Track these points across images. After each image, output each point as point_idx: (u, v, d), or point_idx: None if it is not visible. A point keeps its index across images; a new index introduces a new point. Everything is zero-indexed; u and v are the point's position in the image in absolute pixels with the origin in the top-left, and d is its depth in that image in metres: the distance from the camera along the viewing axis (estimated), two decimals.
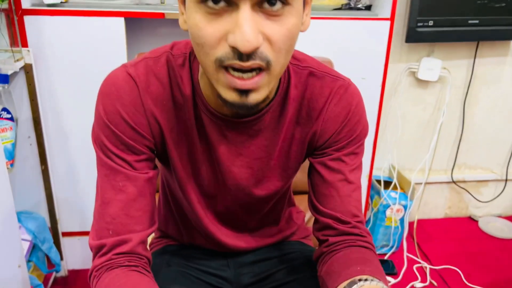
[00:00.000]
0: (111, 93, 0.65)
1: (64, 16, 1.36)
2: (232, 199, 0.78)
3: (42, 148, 1.46)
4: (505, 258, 1.86)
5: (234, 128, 0.69)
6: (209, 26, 0.53)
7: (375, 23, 1.53)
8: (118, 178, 0.65)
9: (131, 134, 0.65)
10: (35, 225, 1.44)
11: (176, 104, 0.68)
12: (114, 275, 0.63)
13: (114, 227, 0.65)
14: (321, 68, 0.72)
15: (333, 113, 0.70)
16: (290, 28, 0.54)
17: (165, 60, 0.67)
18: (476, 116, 1.98)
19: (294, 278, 0.83)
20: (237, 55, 0.52)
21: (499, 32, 1.76)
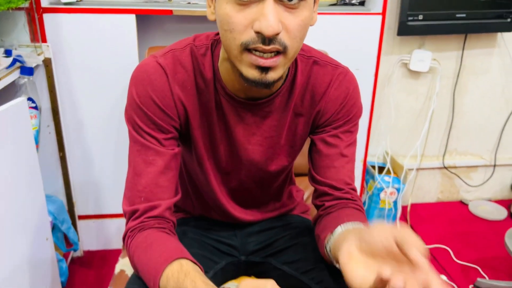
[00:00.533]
0: (143, 79, 0.75)
1: (80, 14, 1.46)
2: (246, 174, 0.89)
3: (60, 136, 1.57)
4: (493, 238, 1.98)
5: (249, 109, 0.80)
6: (238, 15, 0.64)
7: (368, 18, 1.64)
8: (148, 153, 0.76)
9: (161, 115, 0.76)
10: (55, 207, 1.55)
11: (199, 89, 0.79)
12: (146, 234, 0.74)
13: (145, 195, 0.76)
14: (324, 58, 0.84)
15: (334, 96, 0.82)
16: (304, 20, 0.66)
17: (189, 50, 0.78)
18: (465, 105, 2.09)
19: (294, 243, 0.95)
20: (261, 39, 0.63)
21: (485, 25, 1.87)
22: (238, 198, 0.95)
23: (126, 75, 1.58)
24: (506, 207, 2.22)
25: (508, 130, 2.17)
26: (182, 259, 0.70)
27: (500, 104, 2.12)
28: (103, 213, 1.76)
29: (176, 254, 0.70)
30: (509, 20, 1.86)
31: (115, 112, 1.59)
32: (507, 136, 2.19)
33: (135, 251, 0.74)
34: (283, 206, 1.04)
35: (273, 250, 0.96)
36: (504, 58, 2.02)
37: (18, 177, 1.08)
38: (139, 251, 0.73)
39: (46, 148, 1.58)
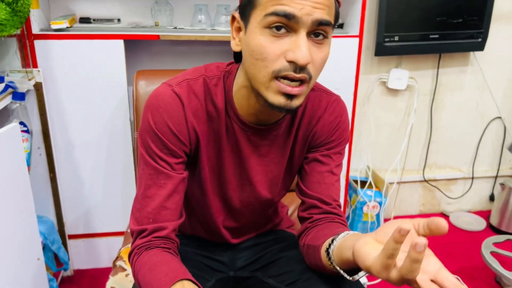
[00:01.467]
0: (159, 107, 0.80)
1: (70, 40, 1.52)
2: (249, 195, 0.94)
3: (51, 158, 1.61)
4: (473, 248, 2.05)
5: (258, 133, 0.87)
6: (272, 45, 0.70)
7: (346, 40, 1.72)
8: (160, 177, 0.81)
9: (174, 141, 0.81)
10: (45, 227, 1.58)
11: (210, 116, 0.85)
12: (152, 253, 0.79)
13: (154, 216, 0.80)
14: (318, 86, 0.92)
15: (328, 120, 0.89)
16: (326, 54, 0.74)
17: (202, 81, 0.84)
18: (442, 120, 2.18)
19: (280, 257, 0.99)
20: (293, 68, 0.70)
21: (458, 45, 1.97)
22: (235, 221, 0.99)
23: (115, 98, 1.65)
24: (485, 218, 2.30)
25: (484, 143, 2.27)
26: (185, 281, 0.74)
27: (476, 118, 2.22)
28: (93, 232, 1.79)
29: (179, 275, 0.74)
30: (480, 40, 1.97)
31: (104, 133, 1.64)
32: (483, 149, 2.28)
33: (140, 269, 0.78)
34: (270, 222, 1.10)
35: (260, 265, 1.01)
36: (477, 75, 2.12)
37: (10, 199, 1.12)
38: (144, 269, 0.77)
39: (37, 170, 1.62)
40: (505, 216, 2.14)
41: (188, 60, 1.81)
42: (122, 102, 1.61)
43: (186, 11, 1.74)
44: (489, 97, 2.17)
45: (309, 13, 0.67)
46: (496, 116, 2.22)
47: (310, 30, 0.69)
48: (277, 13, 0.68)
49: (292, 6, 0.67)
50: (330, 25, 0.71)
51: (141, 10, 1.73)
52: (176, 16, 1.73)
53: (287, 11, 0.67)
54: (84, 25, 1.63)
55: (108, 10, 1.72)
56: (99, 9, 1.71)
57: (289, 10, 0.67)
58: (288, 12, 0.67)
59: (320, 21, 0.68)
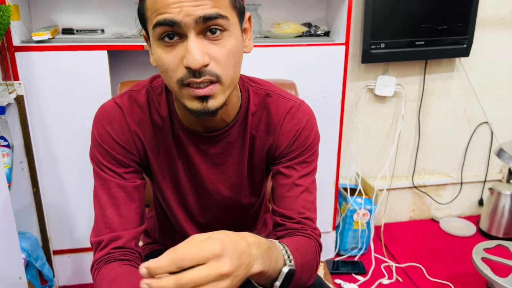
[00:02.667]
0: (102, 119, 0.81)
1: (52, 51, 1.49)
2: (215, 206, 0.91)
3: (34, 172, 1.57)
4: (464, 254, 2.04)
5: (208, 141, 0.84)
6: (169, 56, 0.68)
7: (332, 48, 1.72)
8: (111, 186, 0.80)
9: (120, 150, 0.81)
10: (28, 243, 1.54)
11: (155, 125, 0.84)
12: (111, 267, 0.76)
13: (109, 225, 0.79)
14: (277, 91, 0.88)
15: (286, 129, 0.85)
16: (230, 48, 0.70)
17: (145, 91, 0.84)
18: (430, 126, 2.19)
19: None
20: (191, 73, 0.68)
21: (443, 51, 1.98)
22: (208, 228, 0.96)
23: None
24: (475, 223, 2.30)
25: (472, 148, 2.28)
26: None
27: (463, 124, 2.23)
28: (79, 247, 1.75)
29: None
30: (465, 46, 1.98)
31: (88, 146, 1.61)
32: (471, 154, 2.29)
33: (100, 283, 0.76)
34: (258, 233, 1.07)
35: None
36: (463, 81, 2.13)
37: None
38: (104, 284, 0.75)
39: (20, 185, 1.58)
40: (495, 220, 2.14)
41: None
42: None
43: None
44: (476, 102, 2.19)
45: (188, 13, 0.65)
46: (483, 121, 2.23)
47: (201, 28, 0.67)
48: (160, 23, 0.66)
49: (170, 12, 0.65)
50: (221, 17, 0.67)
51: (125, 20, 1.71)
52: None
53: (167, 18, 0.65)
54: (67, 36, 1.60)
55: (91, 20, 1.69)
56: (82, 20, 1.69)
57: (169, 17, 0.65)
58: (169, 19, 0.65)
59: (204, 17, 0.65)
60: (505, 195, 2.08)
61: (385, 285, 1.84)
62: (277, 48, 1.66)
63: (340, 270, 1.92)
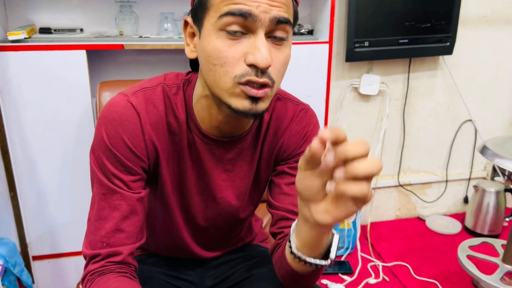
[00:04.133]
0: (113, 119, 0.73)
1: (28, 51, 1.45)
2: (216, 212, 0.88)
3: (11, 176, 1.52)
4: (450, 252, 2.05)
5: (222, 146, 0.81)
6: (230, 49, 0.65)
7: (316, 46, 1.70)
8: (114, 197, 0.73)
9: (131, 157, 0.74)
10: (6, 249, 1.49)
11: (170, 128, 0.78)
12: (106, 279, 0.71)
13: (108, 240, 0.73)
14: (286, 95, 0.87)
15: (295, 131, 0.84)
16: (286, 56, 0.69)
17: (161, 89, 0.78)
18: (414, 125, 2.19)
19: (250, 275, 0.94)
20: (255, 71, 0.65)
21: (427, 49, 1.98)
22: (204, 238, 0.94)
23: (78, 111, 1.58)
24: (460, 221, 2.31)
25: (456, 146, 2.29)
26: None
27: (447, 122, 2.23)
28: (59, 252, 1.70)
29: None
30: (448, 44, 1.99)
31: (68, 148, 1.57)
32: (456, 152, 2.30)
33: None
34: (243, 238, 1.04)
35: (230, 284, 0.96)
36: (447, 79, 2.14)
37: None
38: None
39: None
40: (479, 218, 2.15)
41: (155, 69, 1.76)
42: (86, 114, 1.54)
43: (152, 19, 1.69)
44: (459, 100, 2.19)
45: (266, 10, 0.63)
46: (467, 119, 2.24)
47: (269, 29, 0.65)
48: (232, 12, 0.63)
49: (247, 4, 0.63)
50: (290, 23, 0.67)
51: (105, 19, 1.67)
52: (141, 25, 1.68)
53: (243, 9, 0.63)
54: (44, 36, 1.56)
55: (70, 19, 1.65)
56: (61, 19, 1.64)
57: (245, 9, 0.63)
58: (244, 10, 0.63)
59: (278, 19, 0.64)
60: (489, 192, 2.09)
61: (371, 284, 1.83)
62: None
63: (326, 270, 1.90)
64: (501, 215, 2.12)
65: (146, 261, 0.99)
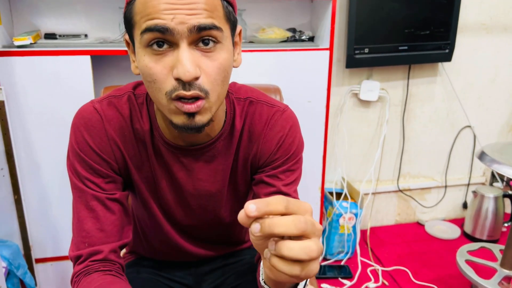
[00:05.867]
0: (80, 125, 0.76)
1: (34, 56, 1.47)
2: (197, 218, 0.89)
3: (15, 179, 1.54)
4: (448, 256, 2.06)
5: (189, 155, 0.81)
6: (157, 65, 0.64)
7: (317, 53, 1.73)
8: (88, 198, 0.76)
9: (98, 160, 0.76)
10: (9, 252, 1.51)
11: (137, 135, 0.80)
12: (91, 279, 0.73)
13: (88, 240, 0.75)
14: (260, 97, 0.84)
15: (269, 137, 0.81)
16: (221, 62, 0.66)
17: (127, 98, 0.79)
18: (414, 130, 2.21)
19: (239, 282, 0.95)
20: (181, 85, 0.64)
21: (426, 56, 2.01)
22: (191, 236, 0.95)
23: None
24: (460, 226, 2.32)
25: (455, 152, 2.31)
26: None
27: (446, 128, 2.25)
28: (62, 255, 1.72)
29: None
30: (447, 51, 2.01)
31: None
32: (455, 157, 2.32)
33: None
34: (237, 241, 1.05)
35: None
36: (446, 85, 2.16)
37: None
38: None
39: (0, 192, 1.55)
40: (478, 223, 2.17)
41: None
42: None
43: None
44: (458, 106, 2.22)
45: (182, 21, 0.61)
46: (466, 125, 2.26)
47: (193, 39, 0.63)
48: (150, 28, 0.62)
49: (162, 18, 0.61)
50: (215, 28, 0.63)
51: (109, 25, 1.69)
52: None
53: (158, 24, 0.61)
54: (49, 41, 1.58)
55: (74, 25, 1.68)
56: (65, 25, 1.67)
57: (161, 23, 0.61)
58: (160, 25, 0.61)
59: (198, 27, 0.62)
60: (488, 198, 2.11)
61: None
62: (261, 53, 1.67)
63: (326, 274, 1.92)
64: (500, 220, 2.14)
65: (142, 264, 1.00)
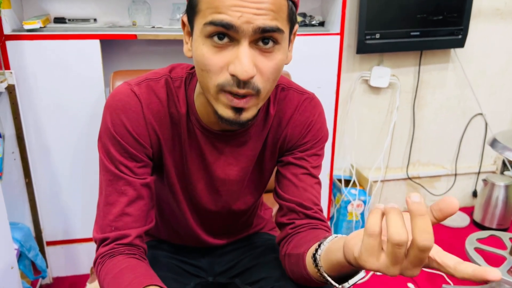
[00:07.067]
0: (117, 107, 0.75)
1: (43, 40, 1.47)
2: (222, 203, 0.90)
3: (26, 162, 1.56)
4: (457, 244, 2.05)
5: (224, 140, 0.82)
6: (214, 57, 0.64)
7: (327, 38, 1.71)
8: (120, 183, 0.76)
9: (134, 144, 0.76)
10: (21, 234, 1.53)
11: (172, 119, 0.80)
12: (116, 261, 0.74)
13: (116, 224, 0.76)
14: (290, 84, 0.86)
15: (298, 121, 0.84)
16: (277, 63, 0.67)
17: (164, 82, 0.79)
18: (425, 118, 2.19)
19: (258, 262, 0.96)
20: (236, 82, 0.64)
21: (439, 42, 1.97)
22: (210, 225, 0.96)
23: (92, 100, 1.61)
24: (469, 214, 2.31)
25: (466, 140, 2.28)
26: (152, 286, 0.70)
27: (457, 115, 2.23)
28: (72, 238, 1.74)
29: (145, 281, 0.70)
30: (460, 37, 1.98)
31: (81, 136, 1.60)
32: (466, 145, 2.29)
33: (105, 278, 0.74)
34: (252, 227, 1.06)
35: (238, 271, 0.98)
36: (458, 72, 2.13)
37: None
38: (108, 278, 0.73)
39: (11, 175, 1.56)
40: (488, 211, 2.15)
41: (166, 60, 1.78)
42: (99, 103, 1.57)
43: (164, 10, 1.71)
44: (470, 93, 2.18)
45: (249, 20, 0.61)
46: (477, 113, 2.23)
47: (254, 38, 0.63)
48: (214, 22, 0.62)
49: (229, 14, 0.61)
50: (278, 31, 0.64)
51: (118, 9, 1.69)
52: (154, 15, 1.69)
53: (224, 20, 0.61)
54: (59, 25, 1.58)
55: (83, 10, 1.67)
56: (75, 9, 1.67)
57: (227, 20, 0.61)
58: (226, 21, 0.61)
59: (263, 29, 0.62)
60: (498, 186, 2.09)
61: (378, 275, 1.85)
62: None
63: None
64: (510, 209, 2.12)
65: (158, 247, 1.01)
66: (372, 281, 1.81)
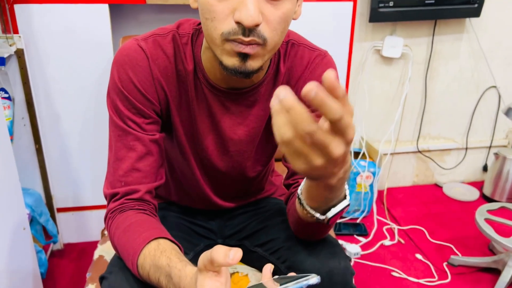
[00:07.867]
0: (124, 63, 0.75)
1: (52, 4, 1.45)
2: (231, 163, 0.89)
3: (36, 129, 1.56)
4: (465, 218, 2.05)
5: (233, 99, 0.80)
6: (220, 4, 0.63)
7: (339, 5, 1.67)
8: (129, 138, 0.76)
9: (141, 99, 0.76)
10: (32, 199, 1.54)
11: (180, 76, 0.79)
12: (126, 215, 0.75)
13: (125, 179, 0.76)
14: (300, 40, 0.84)
15: (309, 80, 0.80)
16: (285, 12, 0.66)
17: (171, 37, 0.78)
18: (437, 90, 2.15)
19: (266, 225, 0.96)
20: (241, 30, 0.63)
21: (454, 11, 1.92)
22: (220, 187, 0.96)
23: (101, 64, 1.59)
24: (479, 188, 2.29)
25: (478, 113, 2.25)
26: (160, 239, 0.70)
27: (470, 88, 2.19)
28: (82, 205, 1.75)
29: (154, 234, 0.71)
30: (476, 6, 1.92)
31: (91, 102, 1.59)
32: (477, 119, 2.26)
33: (115, 232, 0.75)
34: (263, 192, 1.06)
35: (247, 233, 0.98)
36: (472, 43, 2.08)
37: None
38: (118, 232, 0.74)
39: (22, 141, 1.57)
40: (499, 185, 2.13)
41: None
42: (108, 69, 1.54)
43: None
44: (485, 65, 2.14)
45: None
46: (491, 85, 2.19)
47: None
48: None
49: None
50: None
51: None
52: None
53: None
54: None
55: None
56: None
57: None
58: None
59: None
60: (510, 160, 2.06)
61: (386, 246, 1.85)
62: None
63: (342, 231, 1.93)
64: None
65: (168, 208, 1.02)
66: (380, 253, 1.81)
